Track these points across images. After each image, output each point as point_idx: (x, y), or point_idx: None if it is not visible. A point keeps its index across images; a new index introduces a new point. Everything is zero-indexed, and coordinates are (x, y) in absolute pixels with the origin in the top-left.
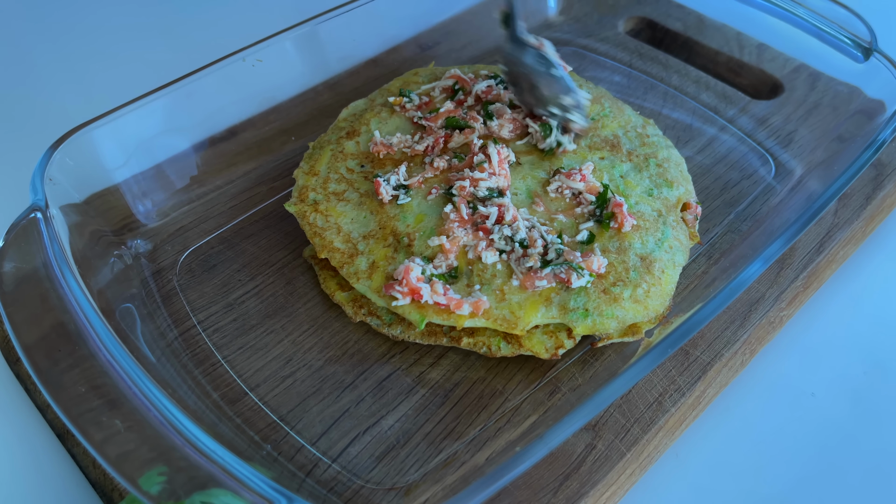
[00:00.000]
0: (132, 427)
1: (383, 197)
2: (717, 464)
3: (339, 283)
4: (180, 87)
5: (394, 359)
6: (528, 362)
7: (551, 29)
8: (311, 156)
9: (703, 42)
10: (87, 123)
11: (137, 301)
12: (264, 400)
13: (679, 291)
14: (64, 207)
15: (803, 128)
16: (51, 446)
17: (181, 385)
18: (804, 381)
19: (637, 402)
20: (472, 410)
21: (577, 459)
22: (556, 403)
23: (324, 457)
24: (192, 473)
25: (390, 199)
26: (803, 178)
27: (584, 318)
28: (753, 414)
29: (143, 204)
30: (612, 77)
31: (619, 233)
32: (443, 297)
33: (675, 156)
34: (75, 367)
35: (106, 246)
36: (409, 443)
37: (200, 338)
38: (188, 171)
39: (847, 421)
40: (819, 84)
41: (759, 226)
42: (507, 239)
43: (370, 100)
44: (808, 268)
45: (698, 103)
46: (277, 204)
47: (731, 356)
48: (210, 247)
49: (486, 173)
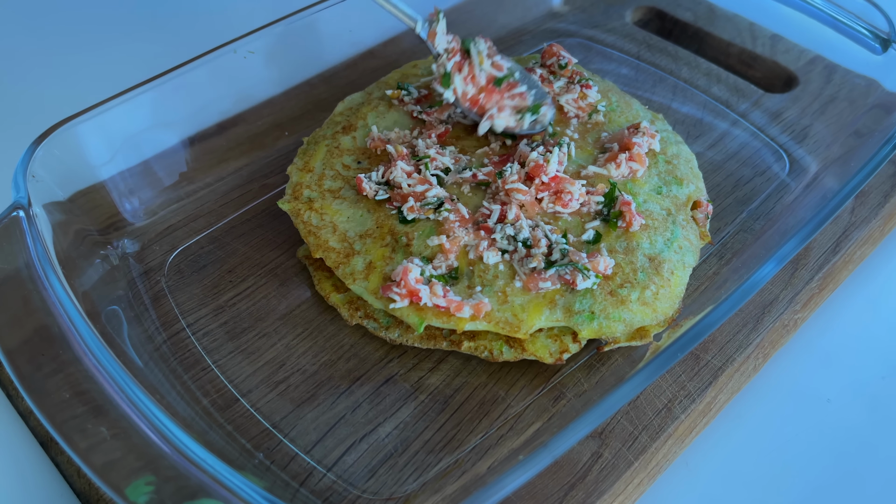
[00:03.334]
0: (118, 435)
1: (367, 193)
2: (729, 473)
3: (335, 285)
4: (168, 80)
5: (391, 363)
6: (532, 367)
7: (556, 19)
8: (305, 151)
9: (715, 33)
10: (72, 118)
11: (124, 303)
12: (256, 406)
13: (689, 293)
14: (47, 205)
15: (819, 122)
16: (34, 454)
17: (169, 391)
18: (819, 387)
19: (645, 408)
20: (473, 417)
21: (583, 468)
22: (561, 410)
23: (318, 466)
24: (181, 483)
25: (374, 195)
26: (819, 175)
27: (589, 322)
28: (766, 421)
29: (129, 202)
30: (619, 69)
31: (627, 232)
32: (442, 300)
33: (685, 152)
34: (59, 372)
35: (91, 246)
36: (407, 451)
37: (190, 341)
38: (177, 167)
39: (864, 428)
40: (835, 77)
41: (773, 225)
42: (509, 238)
43: (367, 93)
44: (824, 268)
45: (709, 97)
46: (270, 202)
47: (743, 360)
48: (200, 247)
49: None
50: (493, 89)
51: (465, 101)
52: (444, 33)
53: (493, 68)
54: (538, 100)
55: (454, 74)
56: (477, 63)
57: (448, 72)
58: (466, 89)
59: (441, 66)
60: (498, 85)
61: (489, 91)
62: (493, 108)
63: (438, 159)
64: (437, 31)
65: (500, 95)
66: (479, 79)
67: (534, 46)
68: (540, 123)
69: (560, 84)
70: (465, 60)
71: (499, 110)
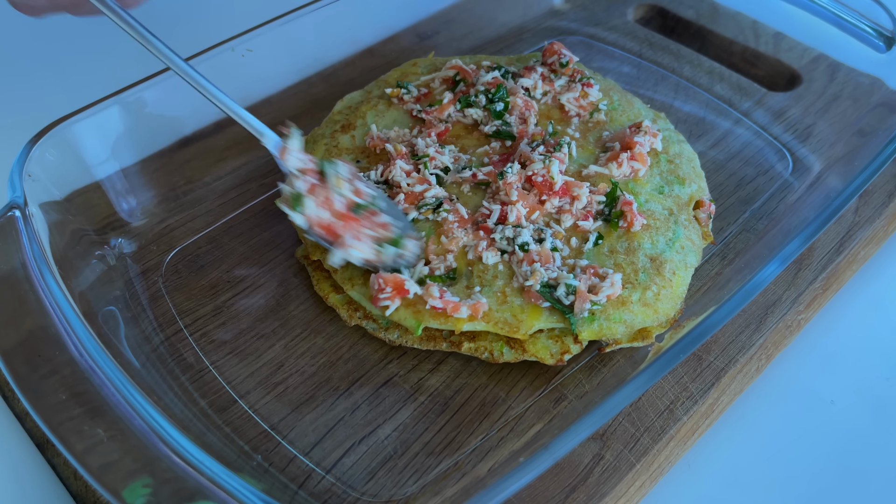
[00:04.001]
0: (115, 436)
1: None
2: (732, 475)
3: (334, 285)
4: (166, 78)
5: (391, 364)
6: (533, 368)
7: (557, 17)
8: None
9: (717, 31)
10: (68, 116)
11: (121, 304)
12: (254, 408)
13: (691, 294)
14: (44, 205)
15: (822, 121)
16: (30, 456)
17: (167, 392)
18: (823, 388)
19: (647, 410)
20: (473, 419)
21: (584, 470)
22: (562, 411)
23: (317, 468)
24: (178, 485)
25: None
26: (822, 174)
27: (590, 323)
28: (770, 423)
29: (126, 201)
30: (620, 68)
31: (629, 232)
32: (439, 301)
33: (687, 151)
34: (55, 374)
35: (88, 246)
36: (406, 453)
37: (187, 342)
38: (174, 166)
39: (868, 429)
40: (839, 75)
41: (776, 224)
42: (508, 240)
43: (366, 91)
44: (828, 269)
45: (712, 95)
46: (268, 201)
47: (746, 362)
48: (197, 246)
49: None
50: (349, 216)
51: (314, 227)
52: (297, 150)
53: (353, 194)
54: (403, 232)
55: (306, 197)
56: (333, 185)
57: (300, 193)
58: (320, 213)
59: (291, 187)
60: (357, 211)
61: (347, 218)
62: (348, 236)
63: (438, 158)
64: (290, 148)
65: (359, 223)
66: (335, 202)
67: (535, 44)
68: (404, 259)
69: (561, 82)
70: (321, 182)
71: (355, 239)
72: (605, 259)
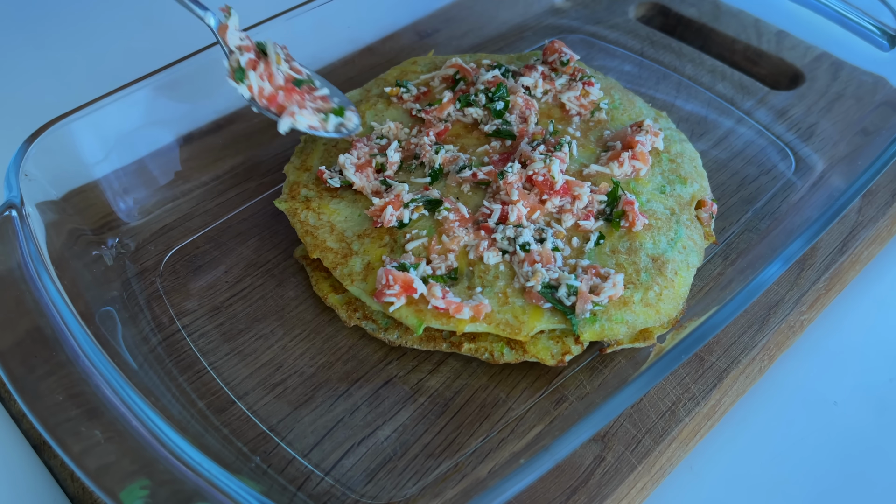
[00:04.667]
0: (113, 438)
1: (328, 185)
2: (734, 477)
3: (333, 285)
4: (163, 77)
5: (390, 365)
6: (533, 369)
7: (558, 15)
8: (302, 150)
9: (719, 29)
10: (65, 116)
11: (118, 304)
12: (253, 409)
13: (693, 294)
14: (40, 205)
15: (825, 120)
16: (26, 458)
17: (165, 393)
18: (826, 389)
19: (649, 411)
20: (473, 420)
21: (586, 472)
22: (563, 413)
23: (316, 469)
24: (176, 487)
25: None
26: (825, 174)
27: (591, 324)
28: (772, 424)
29: (124, 201)
30: (622, 66)
31: (630, 232)
32: (441, 301)
33: (689, 150)
34: (52, 375)
35: (85, 246)
36: (406, 454)
37: (185, 343)
38: (172, 166)
39: (871, 431)
40: (842, 74)
41: (779, 224)
42: (509, 240)
43: (365, 90)
44: (831, 269)
45: (714, 94)
46: (267, 201)
47: (748, 363)
48: (195, 246)
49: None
50: (292, 88)
51: (261, 99)
52: (236, 29)
53: (293, 71)
54: (343, 104)
55: (248, 70)
56: (274, 62)
57: (242, 67)
58: (263, 85)
59: (234, 61)
60: (298, 85)
61: (289, 90)
62: (293, 106)
63: (428, 155)
64: (230, 26)
65: (301, 96)
66: (277, 78)
67: (535, 43)
68: (346, 128)
69: (562, 81)
70: (260, 60)
71: (300, 108)
72: (607, 259)
